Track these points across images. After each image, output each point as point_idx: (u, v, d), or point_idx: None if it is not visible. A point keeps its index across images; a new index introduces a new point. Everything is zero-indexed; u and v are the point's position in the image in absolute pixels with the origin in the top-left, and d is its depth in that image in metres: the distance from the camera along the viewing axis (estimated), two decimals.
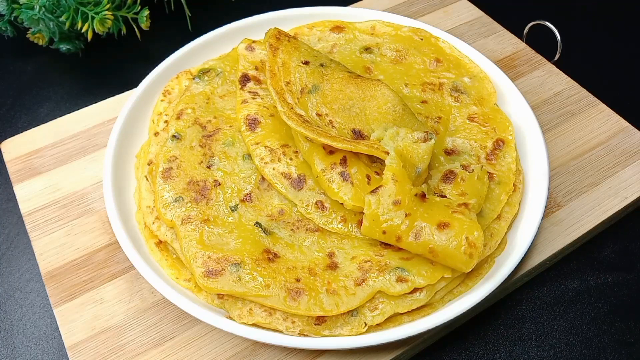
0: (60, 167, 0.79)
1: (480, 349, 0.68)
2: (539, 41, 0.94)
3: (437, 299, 0.63)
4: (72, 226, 0.74)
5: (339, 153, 0.66)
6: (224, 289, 0.61)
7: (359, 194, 0.64)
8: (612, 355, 0.68)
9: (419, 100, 0.77)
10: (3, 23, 0.95)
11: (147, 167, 0.73)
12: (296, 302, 0.60)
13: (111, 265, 0.70)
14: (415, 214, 0.61)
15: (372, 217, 0.61)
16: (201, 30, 0.90)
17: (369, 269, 0.62)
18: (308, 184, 0.67)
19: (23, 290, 0.75)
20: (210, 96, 0.78)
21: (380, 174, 0.66)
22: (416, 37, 0.85)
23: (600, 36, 1.07)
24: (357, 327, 0.61)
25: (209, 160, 0.71)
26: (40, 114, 0.94)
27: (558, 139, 0.82)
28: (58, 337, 0.70)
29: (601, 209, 0.75)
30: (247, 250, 0.64)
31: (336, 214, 0.66)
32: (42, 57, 1.02)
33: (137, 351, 0.64)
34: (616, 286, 0.73)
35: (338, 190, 0.64)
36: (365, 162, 0.67)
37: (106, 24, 0.89)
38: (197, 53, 0.85)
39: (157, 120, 0.78)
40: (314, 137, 0.65)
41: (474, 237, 0.59)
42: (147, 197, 0.71)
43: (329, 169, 0.66)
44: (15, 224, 0.81)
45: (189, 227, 0.65)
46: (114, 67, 1.00)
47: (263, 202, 0.68)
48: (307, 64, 0.73)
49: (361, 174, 0.65)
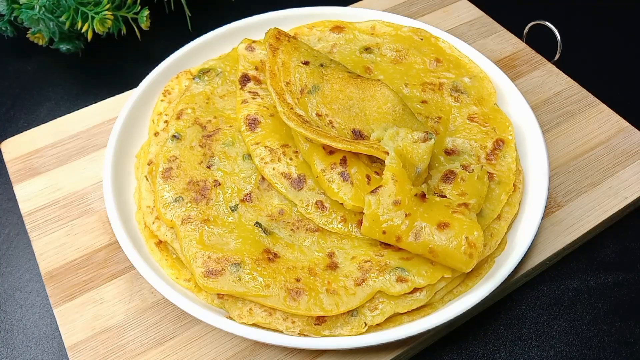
0: (60, 167, 0.79)
1: (480, 349, 0.68)
2: (539, 41, 0.94)
3: (437, 299, 0.63)
4: (72, 226, 0.74)
5: (339, 153, 0.66)
6: (224, 289, 0.61)
7: (359, 194, 0.64)
8: (612, 355, 0.68)
9: (419, 100, 0.77)
10: (3, 23, 0.95)
11: (147, 167, 0.73)
12: (296, 302, 0.60)
13: (111, 265, 0.70)
14: (415, 214, 0.61)
15: (372, 217, 0.61)
16: (201, 30, 0.90)
17: (369, 269, 0.62)
18: (308, 184, 0.67)
19: (23, 290, 0.75)
20: (210, 96, 0.78)
21: (380, 174, 0.66)
22: (416, 37, 0.85)
23: (600, 36, 1.07)
24: (357, 327, 0.61)
25: (209, 160, 0.71)
26: (40, 114, 0.95)
27: (558, 139, 0.82)
28: (58, 337, 0.70)
29: (601, 209, 0.75)
30: (247, 250, 0.64)
31: (336, 214, 0.66)
32: (42, 57, 1.02)
33: (137, 351, 0.64)
34: (616, 286, 0.73)
35: (338, 190, 0.64)
36: (365, 162, 0.67)
37: (106, 24, 0.89)
38: (197, 53, 0.85)
39: (157, 120, 0.78)
40: (314, 138, 0.65)
41: (474, 237, 0.59)
42: (147, 197, 0.71)
43: (328, 169, 0.66)
44: (15, 224, 0.81)
45: (189, 227, 0.65)
46: (114, 67, 1.00)
47: (263, 202, 0.68)
48: (307, 64, 0.73)
49: (361, 174, 0.65)
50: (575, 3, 1.13)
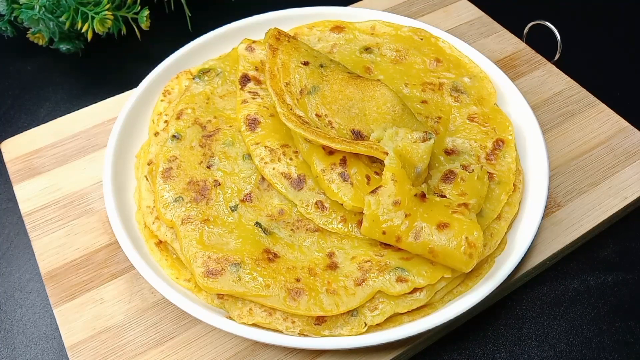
0: (60, 167, 0.79)
1: (480, 349, 0.68)
2: (539, 41, 0.94)
3: (437, 299, 0.63)
4: (72, 226, 0.74)
5: (339, 154, 0.66)
6: (223, 289, 0.61)
7: (359, 195, 0.64)
8: (612, 355, 0.68)
9: (419, 100, 0.77)
10: (3, 23, 0.95)
11: (147, 167, 0.73)
12: (296, 302, 0.60)
13: (111, 265, 0.70)
14: (415, 214, 0.61)
15: (372, 217, 0.61)
16: (201, 30, 0.90)
17: (369, 269, 0.62)
18: (308, 184, 0.67)
19: (23, 291, 0.75)
20: (210, 96, 0.78)
21: (380, 174, 0.66)
22: (416, 37, 0.85)
23: (600, 36, 1.07)
24: (357, 327, 0.61)
25: (209, 160, 0.71)
26: (40, 114, 0.95)
27: (558, 139, 0.82)
28: (58, 337, 0.70)
29: (601, 209, 0.75)
30: (247, 250, 0.64)
31: (336, 214, 0.66)
32: (42, 57, 1.02)
33: (137, 351, 0.64)
34: (616, 286, 0.73)
35: (338, 190, 0.64)
36: (365, 163, 0.67)
37: (106, 24, 0.89)
38: (197, 53, 0.85)
39: (157, 120, 0.78)
40: (313, 139, 0.65)
41: (474, 237, 0.59)
42: (147, 197, 0.71)
43: (328, 170, 0.66)
44: (15, 224, 0.81)
45: (189, 227, 0.65)
46: (114, 67, 1.00)
47: (263, 202, 0.68)
48: (307, 65, 0.73)
49: (361, 175, 0.65)
50: (575, 3, 1.13)
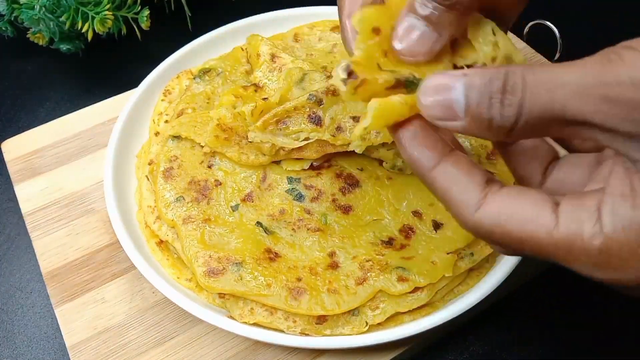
0: (61, 167, 0.79)
1: (480, 349, 0.68)
2: (539, 41, 0.94)
3: (438, 298, 0.63)
4: (73, 226, 0.74)
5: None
6: (225, 289, 0.61)
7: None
8: (612, 355, 0.68)
9: None
10: (3, 23, 0.95)
11: (148, 167, 0.73)
12: (297, 301, 0.60)
13: (112, 265, 0.70)
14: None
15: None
16: (201, 30, 0.90)
17: (370, 269, 0.62)
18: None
19: (24, 290, 0.75)
20: (210, 96, 0.78)
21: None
22: None
23: (600, 36, 1.07)
24: (358, 327, 0.61)
25: (209, 159, 0.71)
26: (40, 114, 0.94)
27: None
28: (59, 337, 0.70)
29: None
30: (248, 249, 0.64)
31: None
32: (42, 57, 1.02)
33: (138, 351, 0.64)
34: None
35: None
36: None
37: (106, 24, 0.89)
38: (197, 53, 0.85)
39: (158, 120, 0.78)
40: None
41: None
42: (148, 196, 0.71)
43: None
44: (16, 224, 0.81)
45: (190, 226, 0.65)
46: (114, 67, 1.00)
47: (264, 201, 0.68)
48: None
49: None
50: (575, 3, 1.13)
